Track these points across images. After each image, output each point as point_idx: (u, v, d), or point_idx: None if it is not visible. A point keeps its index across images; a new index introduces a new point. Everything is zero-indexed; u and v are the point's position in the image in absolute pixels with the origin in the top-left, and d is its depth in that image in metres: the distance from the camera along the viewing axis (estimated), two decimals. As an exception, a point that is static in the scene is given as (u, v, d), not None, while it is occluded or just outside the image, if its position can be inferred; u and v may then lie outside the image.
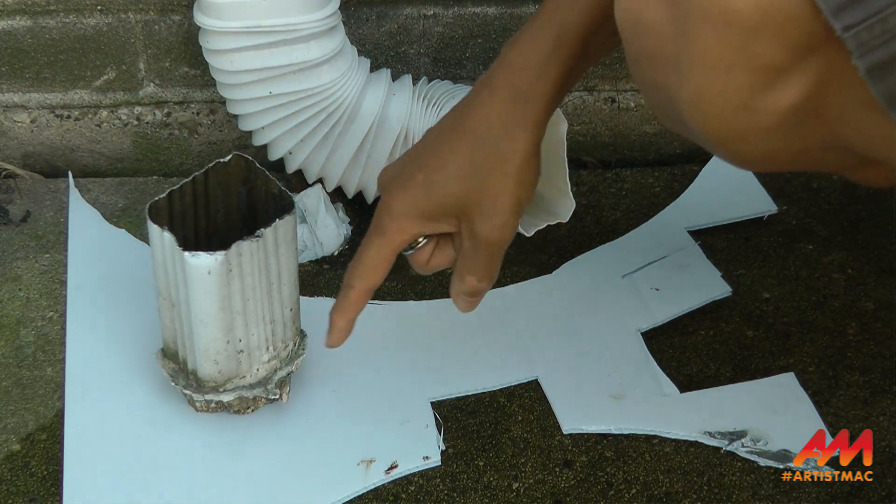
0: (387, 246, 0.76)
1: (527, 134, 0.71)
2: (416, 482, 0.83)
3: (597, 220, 1.06)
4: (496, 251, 0.75)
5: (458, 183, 0.73)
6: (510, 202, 0.72)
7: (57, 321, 0.95)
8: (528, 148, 0.72)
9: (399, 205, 0.75)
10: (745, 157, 0.55)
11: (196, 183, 0.83)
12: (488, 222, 0.73)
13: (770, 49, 0.49)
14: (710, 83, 0.51)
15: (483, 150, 0.72)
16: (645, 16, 0.52)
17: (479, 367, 0.91)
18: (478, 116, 0.72)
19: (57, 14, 1.06)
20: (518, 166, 0.72)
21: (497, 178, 0.72)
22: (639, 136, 1.15)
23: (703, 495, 0.82)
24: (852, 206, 1.06)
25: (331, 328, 0.80)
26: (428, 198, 0.74)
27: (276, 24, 0.94)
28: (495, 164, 0.72)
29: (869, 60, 0.47)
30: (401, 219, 0.75)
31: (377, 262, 0.77)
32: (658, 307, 0.95)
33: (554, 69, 0.70)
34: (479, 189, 0.72)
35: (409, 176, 0.74)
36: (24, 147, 1.12)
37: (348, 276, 0.78)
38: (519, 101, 0.71)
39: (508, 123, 0.71)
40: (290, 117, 0.99)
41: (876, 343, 0.93)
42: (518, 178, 0.72)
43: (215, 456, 0.84)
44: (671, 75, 0.52)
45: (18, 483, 0.83)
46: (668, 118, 0.57)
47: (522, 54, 0.71)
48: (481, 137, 0.72)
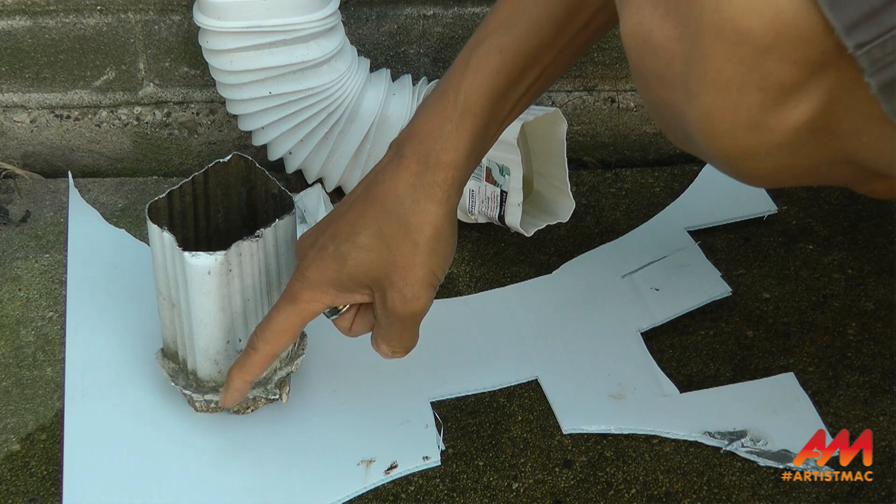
0: (297, 315, 0.75)
1: (436, 205, 0.71)
2: (416, 482, 0.83)
3: (597, 220, 1.06)
4: (409, 323, 0.74)
5: (368, 255, 0.72)
6: (420, 275, 0.71)
7: (57, 321, 0.95)
8: (437, 220, 0.71)
9: (312, 274, 0.74)
10: (753, 174, 0.55)
11: (196, 183, 0.84)
12: (398, 295, 0.72)
13: (782, 67, 0.49)
14: (720, 102, 0.51)
15: (391, 223, 0.71)
16: (653, 35, 0.52)
17: (479, 367, 0.91)
18: (387, 187, 0.71)
19: (57, 14, 1.06)
20: (428, 237, 0.71)
21: (406, 251, 0.71)
22: (639, 136, 1.15)
23: (702, 495, 0.82)
24: (852, 206, 1.06)
25: (227, 387, 0.79)
26: (339, 270, 0.73)
27: (276, 24, 0.94)
28: (404, 237, 0.71)
29: (881, 78, 0.47)
30: (313, 289, 0.74)
31: (285, 328, 0.76)
32: (658, 307, 0.95)
33: (463, 136, 0.70)
34: (389, 262, 0.72)
35: (321, 246, 0.74)
36: (23, 147, 1.12)
37: (254, 337, 0.77)
38: (427, 172, 0.70)
39: (416, 195, 0.71)
40: (289, 117, 1.00)
41: (876, 343, 0.93)
42: (428, 250, 0.71)
43: (215, 456, 0.84)
44: (680, 94, 0.52)
45: (18, 483, 0.83)
46: (675, 136, 0.56)
47: (430, 122, 0.70)
48: (389, 209, 0.71)
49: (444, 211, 0.71)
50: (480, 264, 1.01)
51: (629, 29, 0.53)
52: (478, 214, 1.00)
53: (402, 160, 0.71)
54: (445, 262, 0.73)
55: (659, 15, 0.51)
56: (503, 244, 1.03)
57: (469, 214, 1.01)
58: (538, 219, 1.00)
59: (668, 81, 0.52)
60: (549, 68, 0.72)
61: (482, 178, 0.97)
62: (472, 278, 1.00)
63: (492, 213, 0.98)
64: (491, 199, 0.97)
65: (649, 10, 0.52)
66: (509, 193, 0.96)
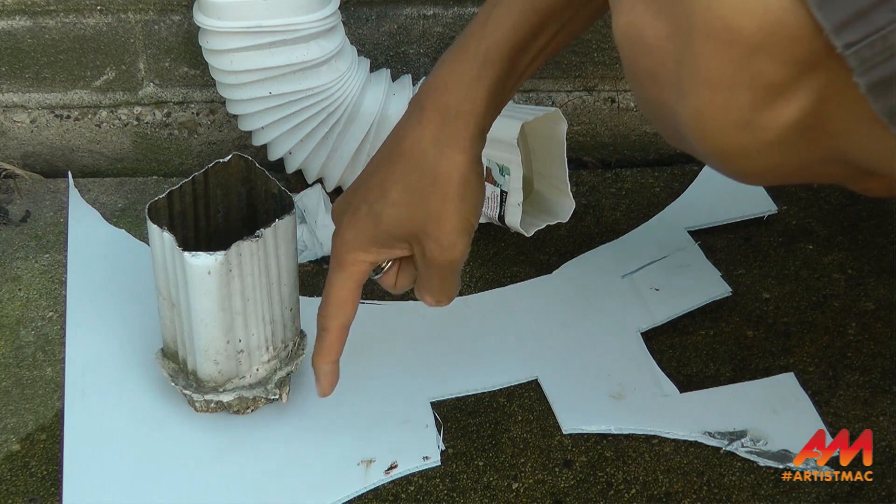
0: (349, 279, 0.77)
1: (460, 154, 0.71)
2: (416, 482, 0.83)
3: (597, 220, 1.06)
4: (448, 271, 0.75)
5: (401, 210, 0.73)
6: (454, 222, 0.72)
7: (57, 321, 0.95)
8: (463, 167, 0.72)
9: (350, 236, 0.75)
10: (746, 172, 0.55)
11: (196, 183, 0.84)
12: (435, 244, 0.73)
13: (772, 66, 0.49)
14: (711, 100, 0.51)
15: (419, 176, 0.72)
16: (645, 33, 0.52)
17: (479, 367, 0.91)
18: (411, 141, 0.72)
19: (57, 14, 1.06)
20: (456, 186, 0.72)
21: (437, 201, 0.72)
22: (639, 136, 1.15)
23: (702, 495, 0.82)
24: (852, 206, 1.06)
25: (317, 376, 0.80)
26: (375, 228, 0.74)
27: (276, 24, 0.94)
28: (432, 188, 0.72)
29: (870, 77, 0.47)
30: (355, 250, 0.75)
31: (344, 297, 0.77)
32: (658, 307, 0.95)
33: (482, 88, 0.71)
34: (421, 214, 0.73)
35: (355, 208, 0.75)
36: (23, 147, 1.13)
37: (320, 318, 0.78)
38: (448, 122, 0.71)
39: (440, 146, 0.71)
40: (289, 117, 1.00)
41: (876, 343, 0.93)
42: (458, 198, 0.72)
43: (215, 456, 0.84)
44: (672, 93, 0.52)
45: (18, 483, 0.83)
46: (668, 134, 0.57)
47: (450, 74, 0.71)
48: (415, 163, 0.72)
49: (469, 158, 0.72)
50: (480, 264, 1.01)
51: (621, 27, 0.53)
52: (478, 214, 1.00)
53: (423, 113, 0.72)
54: (477, 208, 0.74)
55: (651, 14, 0.52)
56: (503, 244, 1.03)
57: (469, 214, 1.01)
58: (538, 219, 1.00)
59: (660, 80, 0.53)
60: (568, 25, 0.73)
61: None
62: (472, 278, 1.00)
63: (492, 213, 0.98)
64: (491, 199, 0.97)
65: (641, 8, 0.52)
66: (509, 193, 0.96)
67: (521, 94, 1.12)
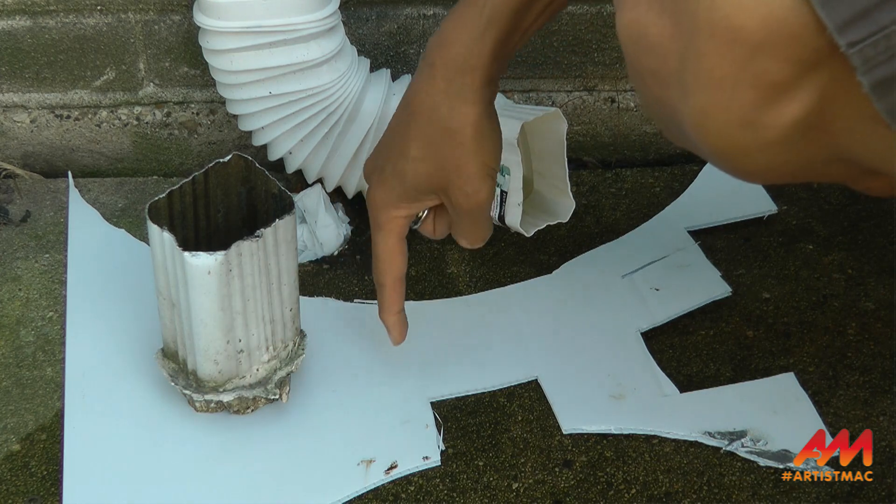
0: (390, 236, 0.81)
1: (471, 106, 0.74)
2: (416, 482, 0.83)
3: (597, 220, 1.06)
4: (477, 215, 0.78)
5: (423, 165, 0.76)
6: (474, 170, 0.75)
7: (57, 321, 0.95)
8: (475, 119, 0.74)
9: (381, 196, 0.79)
10: (748, 171, 0.55)
11: (196, 183, 0.83)
12: (460, 193, 0.76)
13: (775, 65, 0.49)
14: (714, 99, 0.51)
15: (434, 130, 0.75)
16: (648, 32, 0.52)
17: (479, 367, 0.91)
18: (423, 97, 0.75)
19: (57, 14, 1.06)
20: (471, 137, 0.74)
21: (455, 153, 0.75)
22: (639, 136, 1.15)
23: (703, 495, 0.82)
24: (852, 206, 1.06)
25: (388, 329, 0.85)
26: (402, 185, 0.77)
27: (276, 24, 0.94)
28: (449, 140, 0.75)
29: (874, 76, 0.47)
30: (387, 209, 0.79)
31: (390, 252, 0.81)
32: (658, 307, 0.95)
33: (488, 43, 0.73)
34: (443, 166, 0.76)
35: (380, 168, 0.79)
36: (24, 147, 1.12)
37: (375, 276, 0.83)
38: (457, 76, 0.73)
39: (451, 100, 0.74)
40: (289, 117, 1.00)
41: (876, 343, 0.93)
42: (474, 148, 0.75)
43: (215, 456, 0.84)
44: (675, 91, 0.52)
45: (18, 483, 0.83)
46: (670, 132, 0.57)
47: (455, 30, 0.73)
48: (430, 118, 0.75)
49: (480, 109, 0.74)
50: (480, 264, 1.01)
51: (625, 25, 0.54)
52: (478, 214, 1.00)
53: (432, 69, 0.74)
54: (495, 154, 0.77)
55: (654, 12, 0.52)
56: (503, 244, 1.03)
57: (469, 214, 1.01)
58: (538, 219, 1.00)
59: (663, 78, 0.53)
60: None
61: (482, 178, 0.97)
62: (472, 278, 1.00)
63: (492, 213, 0.98)
64: (491, 199, 0.97)
65: (645, 6, 0.52)
66: (509, 193, 0.96)
67: (521, 95, 1.12)
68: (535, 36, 1.08)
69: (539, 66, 1.11)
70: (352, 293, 0.98)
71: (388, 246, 0.81)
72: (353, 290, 0.98)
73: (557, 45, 1.10)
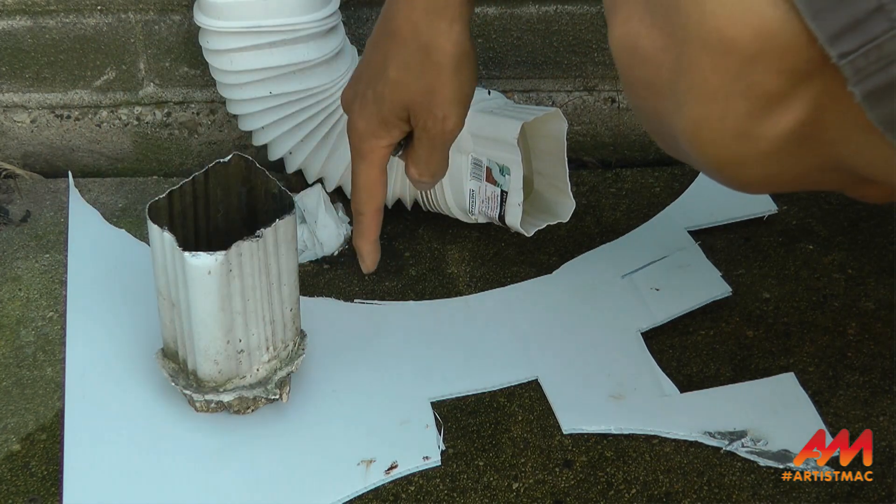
0: (372, 166, 0.79)
1: (450, 23, 0.73)
2: (416, 482, 0.83)
3: (597, 220, 1.06)
4: (439, 143, 0.77)
5: (400, 87, 0.75)
6: (448, 93, 0.74)
7: (57, 321, 0.95)
8: (456, 36, 0.73)
9: (362, 125, 0.78)
10: (743, 181, 0.55)
11: (196, 183, 0.84)
12: (430, 115, 0.75)
13: (768, 77, 0.49)
14: (707, 111, 0.51)
15: (413, 50, 0.74)
16: (641, 44, 0.52)
17: (479, 367, 0.91)
18: (402, 18, 0.74)
19: (57, 14, 1.06)
20: (450, 55, 0.74)
21: (432, 73, 0.74)
22: (639, 136, 1.15)
23: (703, 495, 0.82)
24: (852, 206, 1.06)
25: (360, 256, 0.85)
26: (381, 109, 0.76)
27: (276, 24, 0.94)
28: (427, 60, 0.74)
29: (865, 87, 0.47)
30: (369, 137, 0.78)
31: (372, 182, 0.80)
32: (658, 307, 0.95)
33: None
34: (419, 88, 0.75)
35: (361, 94, 0.78)
36: (24, 147, 1.13)
37: (354, 203, 0.82)
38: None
39: (431, 18, 0.73)
40: (290, 117, 1.00)
41: (876, 343, 0.93)
42: (453, 68, 0.74)
43: (215, 456, 0.84)
44: (668, 103, 0.53)
45: (18, 483, 0.83)
46: (665, 143, 0.57)
47: None
48: (408, 38, 0.74)
49: (460, 27, 0.73)
50: (480, 264, 1.01)
51: (618, 38, 0.54)
52: (478, 214, 1.00)
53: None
54: (472, 79, 0.76)
55: (646, 25, 0.52)
56: (503, 244, 1.03)
57: (469, 214, 1.01)
58: (538, 219, 1.00)
59: (656, 90, 0.53)
60: None
61: (482, 178, 0.97)
62: (472, 278, 1.00)
63: (492, 213, 0.98)
64: (491, 199, 0.97)
65: (637, 19, 0.52)
66: (509, 193, 0.96)
67: (521, 95, 1.12)
68: (535, 36, 1.09)
69: (539, 66, 1.11)
70: (352, 293, 0.98)
71: (371, 176, 0.80)
72: (353, 290, 0.98)
73: (557, 45, 1.10)
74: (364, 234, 0.83)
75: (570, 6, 1.08)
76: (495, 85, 1.11)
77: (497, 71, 1.11)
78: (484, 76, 1.11)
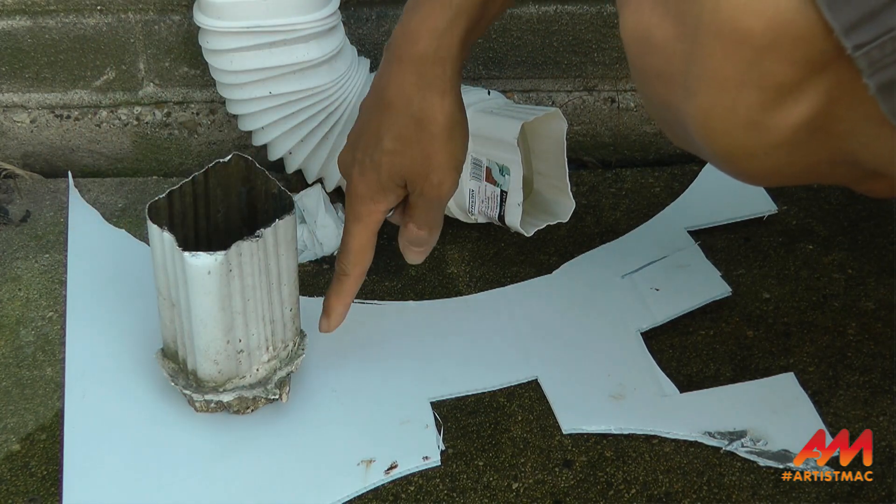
0: (366, 230, 0.82)
1: (441, 97, 0.75)
2: (416, 482, 0.83)
3: (597, 220, 1.06)
4: (436, 205, 0.80)
5: (396, 157, 0.77)
6: (443, 160, 0.77)
7: (57, 321, 0.95)
8: (447, 108, 0.76)
9: (362, 190, 0.80)
10: (752, 173, 0.55)
11: (196, 183, 0.83)
12: (427, 183, 0.78)
13: (781, 67, 0.49)
14: (719, 101, 0.51)
15: (406, 122, 0.76)
16: (653, 33, 0.52)
17: (479, 367, 0.91)
18: (394, 90, 0.76)
19: (57, 14, 1.06)
20: (442, 127, 0.76)
21: (425, 143, 0.76)
22: (639, 136, 1.15)
23: (703, 495, 0.82)
24: (852, 206, 1.06)
25: (328, 313, 0.86)
26: (379, 176, 0.78)
27: (276, 24, 0.94)
28: (420, 132, 0.76)
29: (880, 79, 0.47)
30: (367, 202, 0.80)
31: (362, 245, 0.82)
32: (658, 307, 0.95)
33: (455, 36, 0.74)
34: (414, 157, 0.77)
35: (360, 161, 0.80)
36: (24, 147, 1.13)
37: (340, 264, 0.83)
38: (427, 69, 0.75)
39: (423, 91, 0.75)
40: (289, 117, 1.00)
41: (876, 343, 0.93)
42: (445, 138, 0.76)
43: (215, 456, 0.84)
44: (679, 92, 0.52)
45: (18, 483, 0.83)
46: (674, 134, 0.57)
47: (424, 22, 0.74)
48: (401, 110, 0.76)
49: (451, 99, 0.76)
50: (480, 264, 1.01)
51: (629, 27, 0.53)
52: (478, 214, 1.00)
53: (401, 64, 0.76)
54: (463, 145, 0.78)
55: (659, 14, 0.52)
56: (503, 244, 1.03)
57: (469, 214, 1.01)
58: (538, 219, 1.00)
59: (667, 80, 0.53)
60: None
61: (482, 178, 0.97)
62: (472, 278, 1.00)
63: (492, 213, 0.98)
64: (491, 199, 0.97)
65: (649, 8, 0.52)
66: (509, 193, 0.96)
67: (521, 95, 1.12)
68: (535, 36, 1.09)
69: (539, 66, 1.11)
70: (352, 293, 0.98)
71: (363, 240, 0.82)
72: (353, 290, 0.98)
73: (557, 45, 1.10)
74: (341, 295, 0.85)
75: (570, 6, 1.08)
76: (495, 85, 1.11)
77: (497, 71, 1.11)
78: (484, 76, 1.11)
